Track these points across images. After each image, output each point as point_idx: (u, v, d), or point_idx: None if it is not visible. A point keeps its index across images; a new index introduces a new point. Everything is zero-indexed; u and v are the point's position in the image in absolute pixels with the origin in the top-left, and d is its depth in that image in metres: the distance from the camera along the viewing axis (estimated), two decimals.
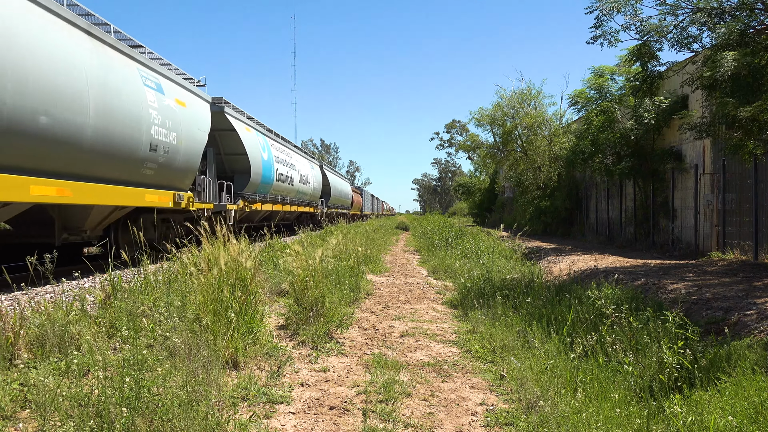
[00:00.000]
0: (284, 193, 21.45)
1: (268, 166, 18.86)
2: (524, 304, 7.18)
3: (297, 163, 24.39)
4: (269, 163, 19.09)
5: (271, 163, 19.28)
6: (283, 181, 20.95)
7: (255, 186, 17.58)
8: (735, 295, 7.48)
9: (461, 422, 4.05)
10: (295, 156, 24.88)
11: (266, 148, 19.23)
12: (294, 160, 23.89)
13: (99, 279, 6.73)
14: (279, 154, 20.98)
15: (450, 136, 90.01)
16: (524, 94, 31.12)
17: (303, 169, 25.60)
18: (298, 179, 23.82)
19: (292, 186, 22.60)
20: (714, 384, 4.15)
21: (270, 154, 19.52)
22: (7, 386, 3.88)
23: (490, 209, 45.39)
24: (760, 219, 11.87)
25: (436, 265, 13.81)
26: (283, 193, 21.26)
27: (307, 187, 26.03)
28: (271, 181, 19.17)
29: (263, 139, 19.54)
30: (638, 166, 17.57)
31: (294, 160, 23.82)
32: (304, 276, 6.71)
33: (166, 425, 3.22)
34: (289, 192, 22.28)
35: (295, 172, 23.22)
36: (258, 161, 17.61)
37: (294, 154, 24.71)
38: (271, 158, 19.47)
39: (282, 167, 20.97)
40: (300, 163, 25.34)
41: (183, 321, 5.11)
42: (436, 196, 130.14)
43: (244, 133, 17.14)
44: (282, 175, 20.80)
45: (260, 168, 17.86)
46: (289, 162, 22.44)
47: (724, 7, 9.74)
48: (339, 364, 5.36)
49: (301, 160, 25.83)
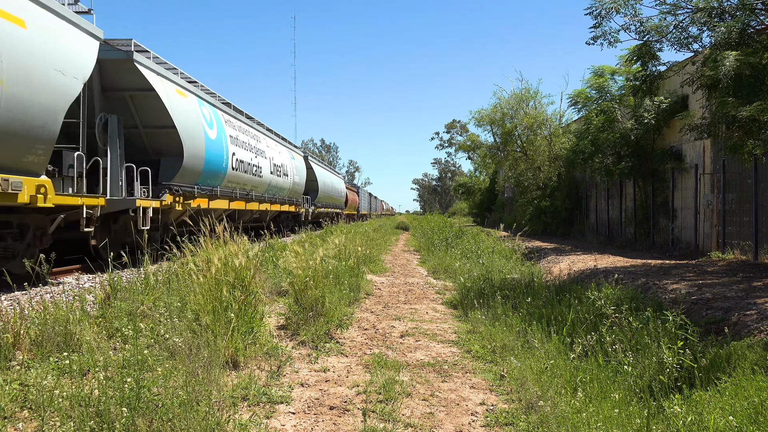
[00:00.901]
0: (247, 187, 16.76)
1: (217, 148, 13.97)
2: (524, 304, 7.18)
3: (269, 149, 19.78)
4: (219, 144, 14.12)
5: (222, 144, 14.36)
6: (244, 171, 16.17)
7: (193, 174, 12.78)
8: (735, 295, 7.48)
9: (461, 422, 4.05)
10: (267, 140, 20.15)
11: (214, 124, 14.12)
12: (264, 145, 19.13)
13: (99, 279, 6.73)
14: (238, 135, 16.18)
15: (450, 136, 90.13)
16: (524, 94, 31.17)
17: (279, 158, 20.89)
18: (271, 170, 19.30)
19: (261, 178, 18.05)
20: (714, 384, 4.15)
21: (221, 132, 14.59)
22: (7, 386, 3.88)
23: (490, 209, 45.41)
24: (760, 219, 11.87)
25: (436, 265, 13.80)
26: (244, 186, 16.49)
27: (285, 181, 21.46)
28: (221, 168, 14.42)
29: (210, 111, 14.24)
30: (638, 166, 17.57)
31: (264, 146, 19.07)
32: (304, 276, 6.71)
33: (167, 425, 3.22)
34: (257, 185, 17.74)
35: (264, 161, 18.61)
36: (197, 139, 12.67)
37: (265, 138, 20.04)
38: (223, 138, 14.56)
39: (243, 152, 16.18)
40: (274, 150, 20.54)
41: (183, 321, 5.11)
42: (436, 196, 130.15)
43: (173, 96, 12.12)
44: (242, 162, 15.97)
45: (201, 149, 12.91)
46: (255, 147, 17.74)
47: (724, 7, 9.75)
48: (339, 364, 5.36)
49: (276, 147, 21.20)
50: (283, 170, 21.36)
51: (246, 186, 16.71)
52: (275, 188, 20.16)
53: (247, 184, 16.82)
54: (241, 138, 16.38)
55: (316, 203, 29.68)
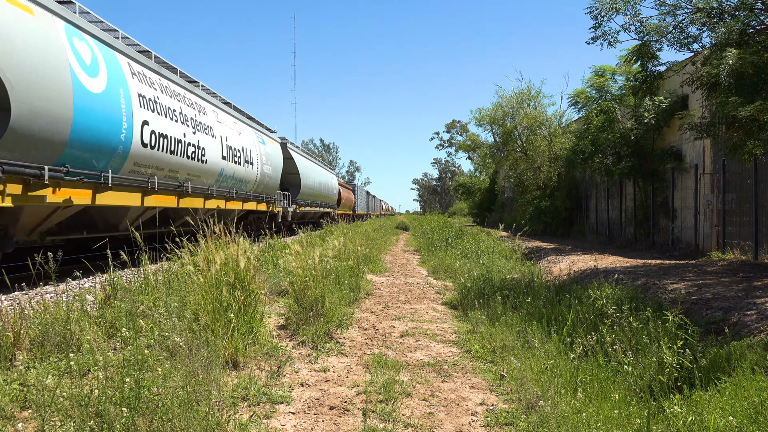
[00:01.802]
0: (178, 175, 11.94)
1: (106, 108, 8.99)
2: (524, 304, 7.19)
3: (222, 127, 14.92)
4: (110, 102, 9.13)
5: (117, 103, 9.34)
6: (170, 150, 11.33)
7: (41, 145, 7.66)
8: (735, 295, 7.48)
9: (461, 422, 4.05)
10: (220, 115, 15.26)
11: (102, 70, 9.11)
12: (212, 119, 14.33)
13: (99, 279, 6.73)
14: (158, 97, 11.09)
15: (450, 136, 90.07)
16: (524, 94, 31.16)
17: (239, 140, 16.06)
18: (224, 154, 14.56)
19: (205, 164, 13.24)
20: (714, 384, 4.15)
21: (118, 85, 9.47)
22: (7, 386, 3.88)
23: (490, 209, 45.42)
24: (760, 219, 11.87)
25: (436, 265, 13.81)
26: (172, 173, 11.66)
27: (248, 171, 16.72)
28: (115, 142, 9.27)
29: (94, 50, 9.09)
30: (638, 166, 17.57)
31: (212, 120, 14.24)
32: (304, 276, 6.71)
33: (166, 425, 3.22)
34: (198, 174, 12.93)
35: (212, 141, 13.80)
36: (52, 86, 7.69)
37: (217, 112, 15.06)
38: (121, 95, 9.51)
39: (167, 123, 11.25)
40: (230, 128, 15.67)
41: (182, 321, 5.11)
42: (436, 196, 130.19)
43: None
44: (165, 137, 11.07)
45: (63, 104, 7.95)
46: (195, 120, 12.87)
47: (723, 7, 9.76)
48: (339, 364, 5.36)
49: (234, 126, 16.28)
50: (246, 156, 16.49)
51: (176, 173, 11.83)
52: (232, 179, 15.43)
53: (178, 170, 11.86)
54: (164, 102, 11.26)
55: (299, 201, 24.71)
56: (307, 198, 26.45)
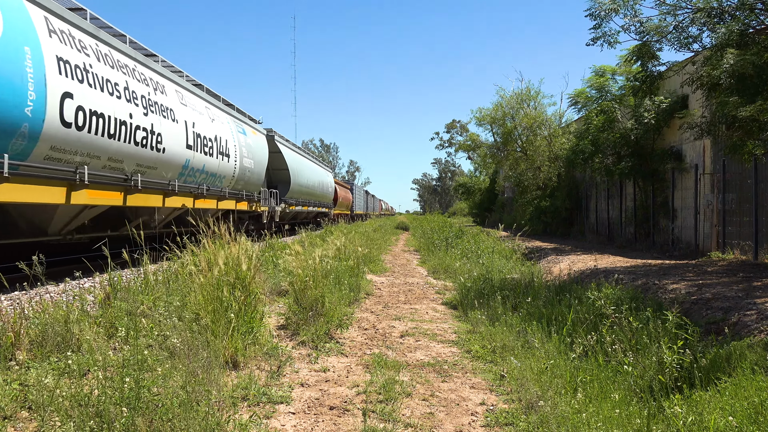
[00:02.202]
0: (124, 165, 9.81)
1: None
2: (524, 304, 7.19)
3: (187, 111, 12.59)
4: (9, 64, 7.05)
5: (13, 63, 7.11)
6: (109, 134, 9.08)
7: None
8: (735, 295, 7.48)
9: (461, 422, 4.05)
10: (185, 96, 12.95)
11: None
12: (174, 100, 12.00)
13: (99, 279, 6.73)
14: (91, 65, 8.82)
15: (450, 136, 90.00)
16: (524, 94, 31.18)
17: (210, 127, 13.82)
18: (190, 142, 12.37)
19: (163, 153, 11.06)
20: (714, 384, 4.15)
21: (23, 41, 7.35)
22: (7, 386, 3.88)
23: (490, 209, 45.43)
24: (760, 219, 11.87)
25: (436, 265, 13.81)
26: (111, 161, 9.40)
27: (223, 165, 14.53)
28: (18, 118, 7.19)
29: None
30: (638, 166, 17.58)
31: (174, 101, 11.95)
32: (303, 276, 6.71)
33: (166, 425, 3.22)
34: (153, 165, 10.80)
35: (174, 127, 11.61)
36: None
37: (180, 92, 12.73)
38: (30, 53, 7.41)
39: (105, 99, 9.02)
40: (200, 114, 13.38)
41: (182, 321, 5.11)
42: (436, 196, 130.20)
43: None
44: (102, 117, 8.90)
45: None
46: (147, 98, 10.59)
47: (724, 7, 9.76)
48: (339, 364, 5.36)
49: (206, 112, 14.03)
50: (220, 147, 14.28)
51: (120, 163, 9.62)
52: (202, 174, 13.21)
53: (123, 159, 9.67)
54: (100, 72, 9.01)
55: (288, 200, 22.41)
56: (299, 196, 24.26)
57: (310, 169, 27.32)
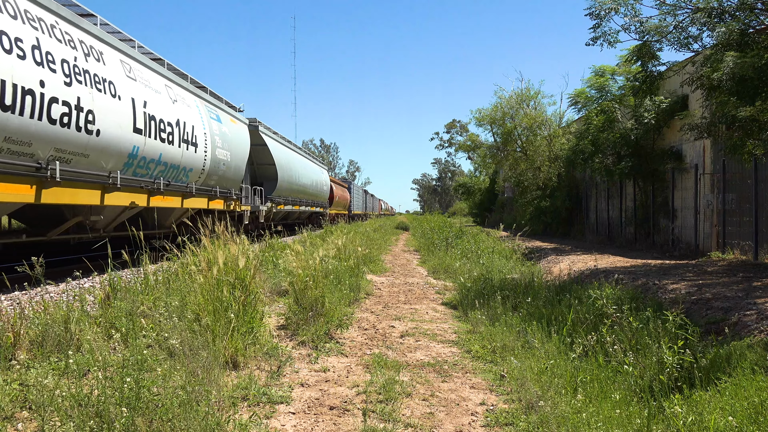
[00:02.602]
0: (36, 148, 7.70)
1: None
2: (524, 304, 7.19)
3: (137, 87, 10.37)
4: None
5: None
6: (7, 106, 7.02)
7: None
8: (735, 295, 7.48)
9: (461, 422, 4.04)
10: (134, 69, 10.57)
11: None
12: (117, 73, 9.78)
13: (99, 279, 6.72)
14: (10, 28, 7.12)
15: (450, 136, 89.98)
16: (524, 94, 31.17)
17: (172, 110, 11.68)
18: (139, 125, 10.19)
19: (95, 138, 8.90)
20: (714, 384, 4.15)
21: None
22: (7, 386, 3.88)
23: (490, 209, 45.43)
24: (760, 219, 11.86)
25: (436, 265, 13.80)
26: (9, 143, 7.22)
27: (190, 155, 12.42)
28: None
29: None
30: (638, 166, 17.58)
31: (117, 74, 9.73)
32: (304, 276, 6.71)
33: (166, 425, 3.22)
34: (82, 151, 8.71)
35: (117, 105, 9.54)
36: None
37: (130, 65, 10.44)
38: None
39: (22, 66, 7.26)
40: (155, 93, 11.12)
41: (182, 321, 5.11)
42: (436, 196, 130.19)
43: None
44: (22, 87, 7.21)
45: None
46: (77, 66, 8.55)
47: (724, 7, 9.75)
48: (339, 364, 5.36)
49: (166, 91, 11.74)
50: (184, 134, 12.02)
51: (28, 147, 7.59)
52: (159, 165, 11.04)
53: (32, 142, 7.61)
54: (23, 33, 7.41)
55: (276, 198, 20.29)
56: (288, 195, 22.09)
57: (301, 165, 25.20)
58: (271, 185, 20.20)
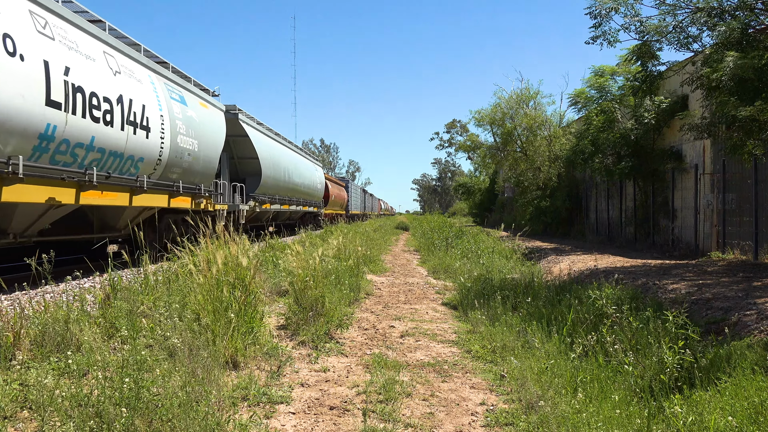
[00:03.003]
0: None
1: None
2: (524, 304, 7.19)
3: (55, 48, 7.89)
4: None
5: None
6: None
7: None
8: (735, 295, 7.48)
9: (461, 422, 4.04)
10: (50, 25, 7.95)
11: None
12: (23, 27, 7.30)
13: (99, 279, 6.72)
14: None
15: (450, 136, 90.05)
16: (523, 94, 31.16)
17: (112, 83, 9.38)
18: (56, 97, 7.75)
19: None
20: (714, 384, 4.14)
21: None
22: (7, 386, 3.88)
23: (490, 209, 45.43)
24: (760, 219, 11.86)
25: (436, 265, 13.80)
26: None
27: (140, 142, 10.15)
28: None
29: None
30: (638, 166, 17.58)
31: (20, 29, 7.23)
32: (304, 276, 6.71)
33: (166, 425, 3.22)
34: None
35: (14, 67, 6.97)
36: None
37: (45, 19, 7.88)
38: None
39: None
40: (85, 58, 8.66)
41: (183, 321, 5.11)
42: (436, 196, 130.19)
43: None
44: None
45: None
46: None
47: (724, 7, 9.75)
48: (339, 364, 5.35)
49: (103, 60, 9.33)
50: (130, 114, 9.84)
51: None
52: (92, 152, 8.84)
53: None
54: None
55: (260, 196, 18.10)
56: (275, 193, 19.67)
57: (290, 160, 22.48)
58: (255, 182, 17.84)
